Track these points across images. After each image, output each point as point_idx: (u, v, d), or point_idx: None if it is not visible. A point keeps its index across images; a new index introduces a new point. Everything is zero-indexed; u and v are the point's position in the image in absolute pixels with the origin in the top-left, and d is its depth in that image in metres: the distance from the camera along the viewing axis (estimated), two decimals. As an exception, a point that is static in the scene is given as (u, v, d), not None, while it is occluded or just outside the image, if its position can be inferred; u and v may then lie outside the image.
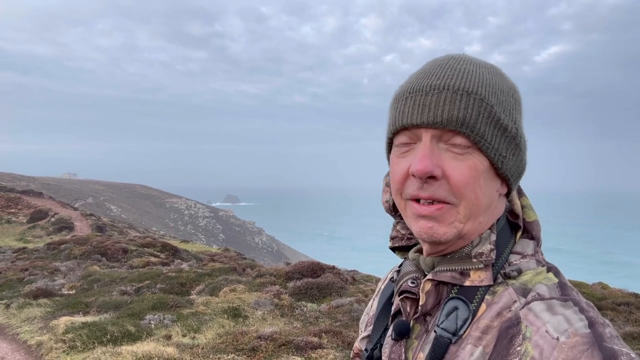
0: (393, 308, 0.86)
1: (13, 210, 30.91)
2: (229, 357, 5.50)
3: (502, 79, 0.78)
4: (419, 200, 0.74)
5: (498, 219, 0.79)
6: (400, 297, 0.82)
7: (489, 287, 0.74)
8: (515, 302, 0.71)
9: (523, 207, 0.82)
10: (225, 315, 7.47)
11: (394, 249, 0.93)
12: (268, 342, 5.80)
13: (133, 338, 6.49)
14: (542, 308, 0.68)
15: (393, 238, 0.91)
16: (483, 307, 0.73)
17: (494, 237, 0.76)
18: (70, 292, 10.20)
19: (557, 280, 0.73)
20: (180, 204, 78.33)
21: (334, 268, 10.38)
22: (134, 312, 7.67)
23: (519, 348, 0.65)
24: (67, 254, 15.73)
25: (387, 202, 0.87)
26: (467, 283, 0.75)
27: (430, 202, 0.73)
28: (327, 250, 78.48)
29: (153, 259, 15.21)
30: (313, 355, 5.45)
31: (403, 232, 0.89)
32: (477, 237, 0.76)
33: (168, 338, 6.55)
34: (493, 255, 0.75)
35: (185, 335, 6.72)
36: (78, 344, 6.24)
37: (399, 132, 0.77)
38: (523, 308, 0.69)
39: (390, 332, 0.83)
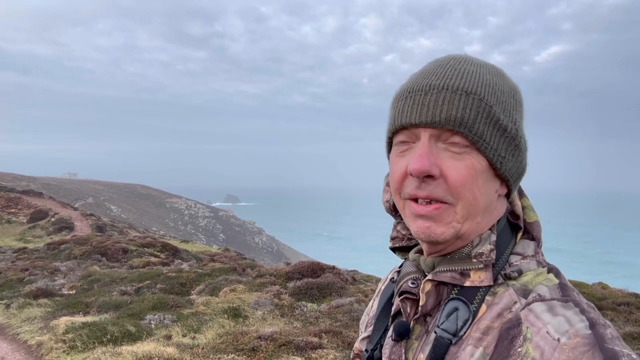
0: (393, 309, 0.86)
1: (13, 210, 30.92)
2: (229, 357, 5.50)
3: (503, 80, 0.77)
4: (417, 200, 0.74)
5: (499, 220, 0.79)
6: (401, 297, 0.82)
7: (490, 287, 0.74)
8: (516, 303, 0.70)
9: (524, 207, 0.82)
10: (226, 315, 7.47)
11: (395, 250, 0.92)
12: (268, 342, 5.80)
13: (133, 338, 6.49)
14: (542, 309, 0.67)
15: (393, 238, 0.91)
16: (483, 307, 0.73)
17: (494, 237, 0.76)
18: (71, 292, 10.20)
19: (557, 281, 0.73)
20: (180, 204, 78.34)
21: (334, 268, 10.38)
22: (134, 312, 7.67)
23: (520, 349, 0.65)
24: (67, 254, 15.74)
25: (387, 201, 0.87)
26: (467, 283, 0.75)
27: (428, 201, 0.73)
28: (327, 250, 78.45)
29: (153, 259, 15.21)
30: (313, 356, 5.45)
31: (403, 232, 0.89)
32: (476, 237, 0.76)
33: (168, 338, 6.55)
34: (493, 256, 0.74)
35: (186, 335, 6.72)
36: (78, 344, 6.24)
37: (399, 131, 0.77)
38: (524, 309, 0.69)
39: (391, 332, 0.82)
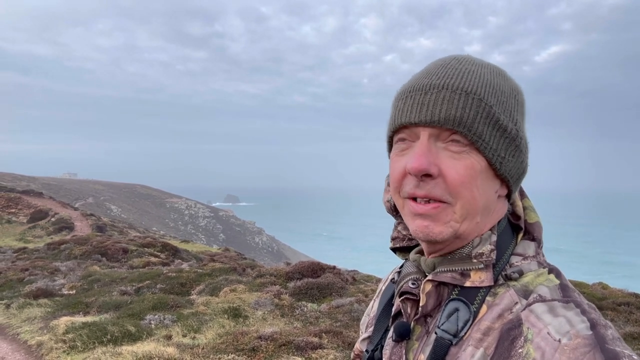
0: (394, 309, 0.86)
1: (13, 210, 30.92)
2: (229, 357, 5.50)
3: (504, 80, 0.77)
4: (416, 199, 0.74)
5: (499, 221, 0.79)
6: (401, 298, 0.82)
7: (490, 288, 0.74)
8: (517, 303, 0.70)
9: (525, 208, 0.81)
10: (226, 316, 7.47)
11: (395, 250, 0.92)
12: (268, 342, 5.80)
13: (133, 338, 6.49)
14: (543, 310, 0.67)
15: (394, 239, 0.91)
16: (484, 308, 0.72)
17: (495, 237, 0.76)
18: (71, 292, 10.19)
19: (558, 282, 0.72)
20: (181, 204, 78.33)
21: (334, 268, 10.38)
22: (134, 312, 7.67)
23: (521, 350, 0.65)
24: (67, 254, 15.73)
25: (388, 201, 0.87)
26: (467, 284, 0.74)
27: (427, 200, 0.73)
28: (327, 250, 78.44)
29: (153, 259, 15.21)
30: (313, 356, 5.45)
31: (404, 232, 0.89)
32: (477, 238, 0.76)
33: (168, 338, 6.55)
34: (493, 256, 0.74)
35: (186, 336, 6.72)
36: (78, 344, 6.24)
37: (399, 130, 0.77)
38: (524, 310, 0.69)
39: (391, 333, 0.82)
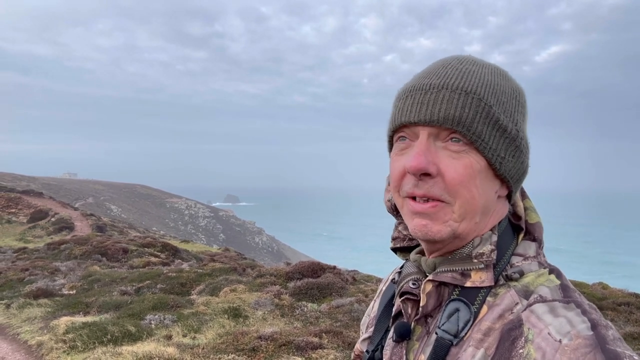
0: (394, 309, 0.86)
1: (13, 210, 30.92)
2: (230, 357, 5.50)
3: (505, 81, 0.77)
4: (416, 198, 0.74)
5: (500, 221, 0.79)
6: (402, 298, 0.82)
7: (491, 288, 0.74)
8: (517, 304, 0.70)
9: (526, 209, 0.81)
10: (226, 316, 7.47)
11: (396, 250, 0.92)
12: (268, 342, 5.80)
13: (133, 338, 6.49)
14: (544, 310, 0.67)
15: (395, 239, 0.91)
16: (484, 309, 0.72)
17: (495, 238, 0.76)
18: (71, 292, 10.19)
19: (559, 282, 0.72)
20: (181, 204, 78.33)
21: (335, 268, 10.38)
22: (135, 312, 7.67)
23: (521, 350, 0.64)
24: (67, 254, 15.73)
25: (389, 201, 0.87)
26: (468, 284, 0.74)
27: (426, 199, 0.73)
28: (327, 250, 78.44)
29: (153, 259, 15.21)
30: (313, 356, 5.45)
31: (405, 232, 0.89)
32: (477, 238, 0.76)
33: (168, 338, 6.55)
34: (494, 256, 0.74)
35: (186, 336, 6.72)
36: (78, 344, 6.24)
37: (399, 129, 0.77)
38: (525, 310, 0.69)
39: (392, 333, 0.82)
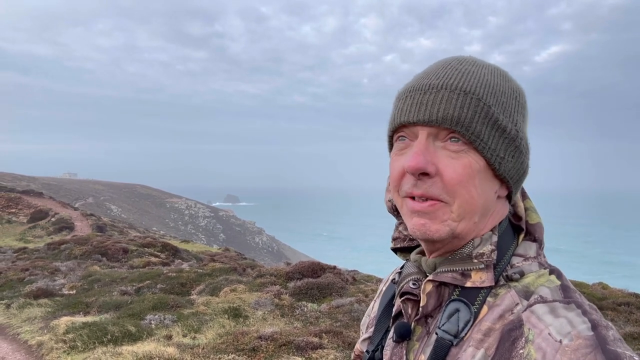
0: (394, 310, 0.86)
1: (13, 210, 30.92)
2: (230, 357, 5.50)
3: (505, 81, 0.77)
4: (415, 198, 0.74)
5: (501, 222, 0.79)
6: (402, 298, 0.82)
7: (491, 289, 0.74)
8: (518, 304, 0.70)
9: (526, 209, 0.81)
10: (226, 316, 7.47)
11: (396, 251, 0.92)
12: (268, 342, 5.80)
13: (133, 338, 6.49)
14: (544, 311, 0.67)
15: (395, 239, 0.91)
16: (485, 309, 0.72)
17: (496, 238, 0.76)
18: (71, 292, 10.19)
19: (559, 283, 0.72)
20: (181, 204, 78.34)
21: (335, 268, 10.38)
22: (135, 312, 7.67)
23: (522, 351, 0.64)
24: (67, 254, 15.74)
25: (389, 201, 0.87)
26: (468, 284, 0.74)
27: (425, 199, 0.73)
28: (327, 250, 78.44)
29: (153, 259, 15.21)
30: (313, 356, 5.45)
31: (405, 233, 0.89)
32: (477, 238, 0.76)
33: (169, 338, 6.55)
34: (494, 256, 0.74)
35: (186, 336, 6.72)
36: (79, 344, 6.24)
37: (399, 129, 0.78)
38: (525, 310, 0.69)
39: (392, 334, 0.82)
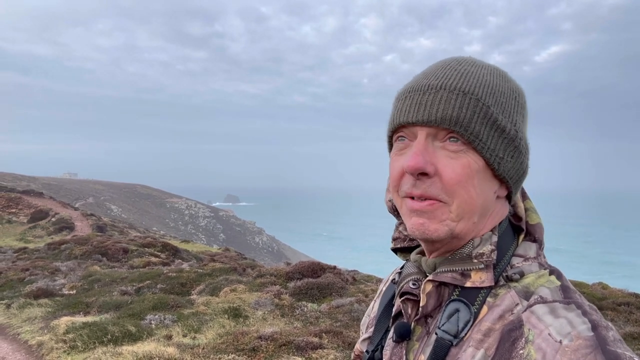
0: (394, 310, 0.86)
1: (14, 210, 30.93)
2: (230, 357, 5.50)
3: (504, 82, 0.77)
4: (414, 198, 0.75)
5: (501, 222, 0.79)
6: (402, 298, 0.82)
7: (491, 289, 0.74)
8: (518, 304, 0.70)
9: (526, 209, 0.81)
10: (226, 316, 7.47)
11: (396, 251, 0.92)
12: (268, 342, 5.80)
13: (134, 338, 6.49)
14: (544, 311, 0.67)
15: (395, 239, 0.91)
16: (485, 309, 0.72)
17: (495, 238, 0.76)
18: (71, 292, 10.20)
19: (559, 283, 0.72)
20: (181, 204, 78.35)
21: (335, 268, 10.38)
22: (135, 312, 7.67)
23: (522, 351, 0.64)
24: (67, 254, 15.74)
25: (390, 201, 0.87)
26: (468, 284, 0.74)
27: (424, 199, 0.74)
28: (327, 250, 78.44)
29: (153, 259, 15.22)
30: (313, 356, 5.45)
31: (405, 233, 0.89)
32: (477, 238, 0.76)
33: (169, 338, 6.55)
34: (494, 256, 0.74)
35: (186, 336, 6.72)
36: (79, 344, 6.24)
37: (398, 130, 0.78)
38: (525, 311, 0.69)
39: (392, 334, 0.82)
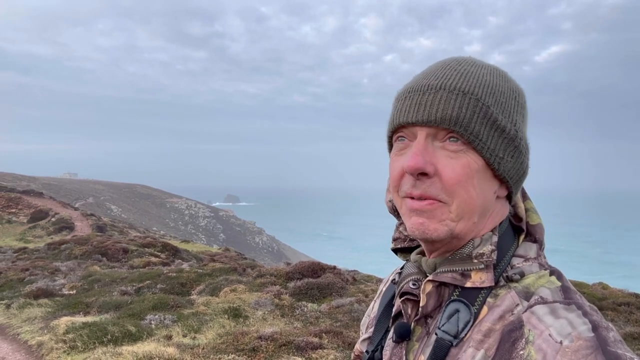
0: (394, 310, 0.86)
1: (14, 210, 30.93)
2: (230, 357, 5.50)
3: (504, 82, 0.77)
4: (414, 198, 0.75)
5: (501, 223, 0.79)
6: (402, 299, 0.82)
7: (491, 289, 0.74)
8: (518, 305, 0.70)
9: (527, 210, 0.81)
10: (226, 316, 7.47)
11: (396, 251, 0.92)
12: (268, 342, 5.80)
13: (134, 338, 6.49)
14: (545, 311, 0.67)
15: (395, 239, 0.91)
16: (485, 309, 0.72)
17: (496, 238, 0.76)
18: (71, 292, 10.19)
19: (560, 284, 0.72)
20: (181, 204, 78.35)
21: (335, 268, 10.38)
22: (135, 312, 7.67)
23: (522, 352, 0.64)
24: (67, 254, 15.74)
25: (390, 201, 0.86)
26: (468, 284, 0.74)
27: (424, 199, 0.73)
28: (327, 250, 78.45)
29: (153, 259, 15.22)
30: (313, 356, 5.45)
31: (405, 233, 0.89)
32: (478, 238, 0.76)
33: (169, 338, 6.55)
34: (494, 256, 0.74)
35: (186, 336, 6.72)
36: (79, 344, 6.24)
37: (398, 130, 0.78)
38: (526, 311, 0.68)
39: (391, 334, 0.82)
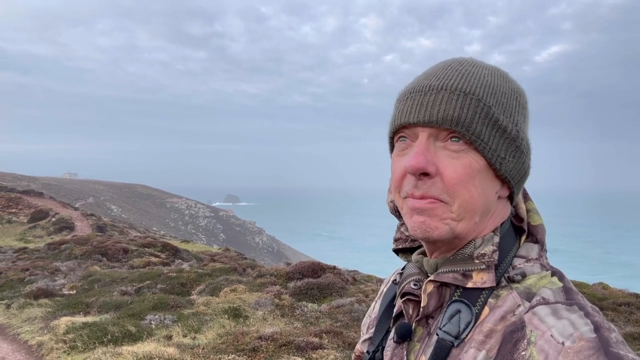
0: (395, 310, 0.86)
1: (14, 210, 30.93)
2: (230, 357, 5.50)
3: (505, 82, 0.77)
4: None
5: (502, 223, 0.79)
6: (403, 299, 0.82)
7: (492, 290, 0.74)
8: (520, 306, 0.70)
9: (528, 210, 0.81)
10: (226, 316, 7.47)
11: (398, 252, 0.92)
12: (269, 342, 5.80)
13: (134, 338, 6.49)
14: (547, 312, 0.67)
15: (397, 240, 0.91)
16: (486, 310, 0.72)
17: (497, 239, 0.76)
18: (71, 292, 10.20)
19: (561, 285, 0.72)
20: (181, 204, 78.37)
21: (335, 268, 10.38)
22: (135, 312, 7.67)
23: (524, 352, 0.64)
24: (67, 254, 15.74)
25: (391, 202, 0.86)
26: (469, 285, 0.74)
27: (425, 198, 0.73)
28: (327, 251, 78.46)
29: (154, 259, 15.22)
30: (314, 356, 5.45)
31: (407, 233, 0.89)
32: (479, 238, 0.76)
33: (169, 338, 6.55)
34: (495, 257, 0.74)
35: (186, 336, 6.72)
36: (79, 344, 6.24)
37: (399, 131, 0.78)
38: (527, 312, 0.68)
39: (392, 334, 0.82)
